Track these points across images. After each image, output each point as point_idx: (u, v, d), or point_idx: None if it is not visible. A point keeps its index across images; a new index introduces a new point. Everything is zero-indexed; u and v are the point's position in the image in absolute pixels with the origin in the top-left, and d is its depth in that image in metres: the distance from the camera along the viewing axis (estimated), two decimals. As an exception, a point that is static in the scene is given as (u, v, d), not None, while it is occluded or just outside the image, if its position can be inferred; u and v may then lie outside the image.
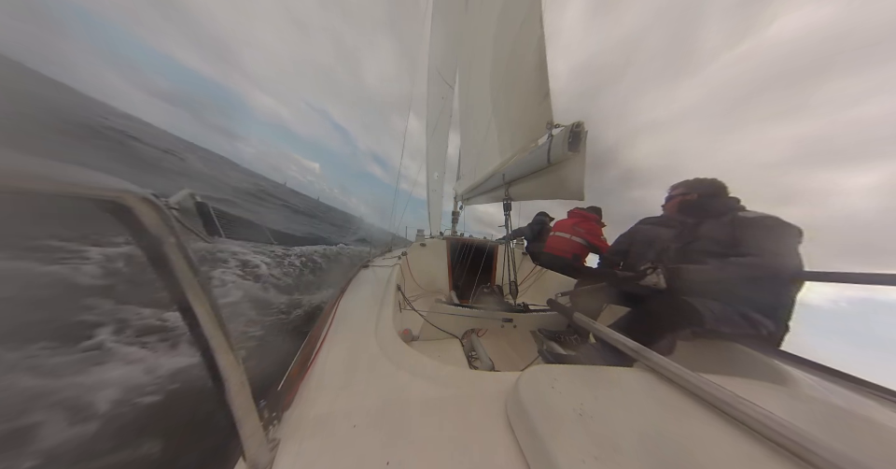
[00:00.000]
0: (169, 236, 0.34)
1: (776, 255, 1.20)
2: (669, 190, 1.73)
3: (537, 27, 1.64)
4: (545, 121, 1.57)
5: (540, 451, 0.54)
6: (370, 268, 2.21)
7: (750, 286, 1.20)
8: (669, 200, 1.72)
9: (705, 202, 1.54)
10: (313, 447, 0.57)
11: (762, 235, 1.25)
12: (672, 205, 1.70)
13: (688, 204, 1.60)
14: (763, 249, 1.22)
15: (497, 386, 0.77)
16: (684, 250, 1.50)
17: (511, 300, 2.15)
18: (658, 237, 1.93)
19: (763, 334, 1.19)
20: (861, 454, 0.51)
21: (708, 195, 1.54)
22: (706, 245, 1.41)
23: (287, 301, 3.95)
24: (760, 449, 0.57)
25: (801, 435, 0.54)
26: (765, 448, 0.57)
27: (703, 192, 1.57)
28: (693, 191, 1.60)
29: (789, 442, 0.55)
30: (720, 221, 1.41)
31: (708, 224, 1.45)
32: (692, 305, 1.15)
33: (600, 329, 1.16)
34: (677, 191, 1.67)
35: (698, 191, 1.58)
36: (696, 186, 1.60)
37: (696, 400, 0.70)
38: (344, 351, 0.93)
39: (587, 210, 3.13)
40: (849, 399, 0.89)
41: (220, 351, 0.42)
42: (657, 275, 1.25)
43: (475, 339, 1.68)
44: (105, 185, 0.29)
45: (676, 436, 0.59)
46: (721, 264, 1.26)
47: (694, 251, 1.44)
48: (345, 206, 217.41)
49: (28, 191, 0.23)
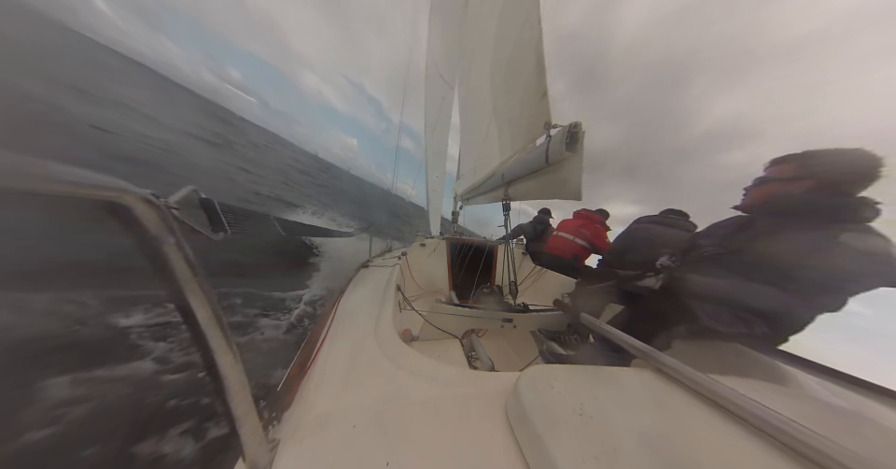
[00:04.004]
0: (168, 236, 0.34)
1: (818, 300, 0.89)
2: (767, 166, 1.10)
3: (535, 27, 1.64)
4: (543, 122, 1.57)
5: (540, 451, 0.54)
6: (369, 268, 2.22)
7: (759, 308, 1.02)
8: (760, 184, 1.10)
9: (813, 200, 0.93)
10: (312, 448, 0.57)
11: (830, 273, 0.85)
12: (757, 194, 1.10)
13: (783, 198, 1.01)
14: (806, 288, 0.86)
15: (496, 386, 0.77)
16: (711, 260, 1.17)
17: (511, 300, 2.15)
18: (659, 236, 1.93)
19: (756, 334, 1.12)
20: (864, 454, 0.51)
21: (831, 185, 0.91)
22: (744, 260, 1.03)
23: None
24: (761, 447, 0.57)
25: (803, 433, 0.55)
26: (768, 446, 0.57)
27: (825, 181, 0.93)
28: (808, 174, 0.97)
29: (791, 439, 0.55)
30: (797, 238, 0.91)
31: (779, 238, 0.96)
32: (686, 303, 1.14)
33: (609, 330, 1.15)
34: (779, 170, 1.05)
35: (818, 177, 0.95)
36: (820, 167, 0.94)
37: (699, 398, 0.70)
38: (344, 351, 0.93)
39: (594, 213, 3.12)
40: (849, 399, 0.89)
41: (220, 351, 0.42)
42: (656, 280, 1.22)
43: (475, 339, 1.68)
44: (103, 185, 0.29)
45: (676, 436, 0.59)
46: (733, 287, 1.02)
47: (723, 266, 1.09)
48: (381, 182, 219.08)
49: (27, 191, 0.23)
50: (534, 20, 1.66)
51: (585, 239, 2.98)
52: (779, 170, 1.04)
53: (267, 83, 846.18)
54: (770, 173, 1.08)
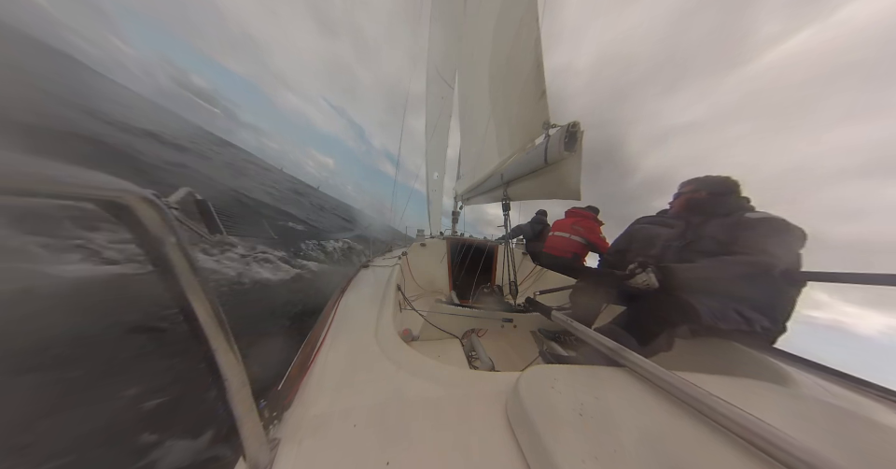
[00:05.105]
0: (169, 236, 0.35)
1: (768, 254, 1.19)
2: (679, 186, 1.68)
3: (534, 27, 1.65)
4: (542, 121, 1.57)
5: (540, 451, 0.54)
6: (370, 268, 2.22)
7: (746, 284, 1.20)
8: (678, 197, 1.67)
9: (713, 200, 1.50)
10: (313, 447, 0.57)
11: (759, 235, 1.25)
12: (680, 202, 1.66)
13: (696, 201, 1.56)
14: (756, 248, 1.22)
15: (496, 386, 0.77)
16: (684, 250, 1.50)
17: (512, 300, 2.15)
18: (658, 236, 1.93)
19: (758, 331, 1.19)
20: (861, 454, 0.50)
21: (718, 194, 1.50)
22: (706, 244, 1.40)
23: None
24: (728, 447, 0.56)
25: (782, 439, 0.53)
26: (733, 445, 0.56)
27: (713, 191, 1.51)
28: (703, 188, 1.55)
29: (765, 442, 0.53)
30: (725, 221, 1.38)
31: (713, 224, 1.43)
32: (689, 302, 1.15)
33: (578, 328, 1.17)
34: (686, 188, 1.63)
35: (708, 189, 1.53)
36: (707, 183, 1.55)
37: (671, 399, 0.69)
38: (344, 351, 0.93)
39: (585, 209, 3.15)
40: (847, 398, 0.90)
41: (220, 351, 0.42)
42: (647, 274, 1.25)
43: (475, 339, 1.68)
44: (104, 185, 0.29)
45: (677, 436, 0.59)
46: (710, 262, 1.27)
47: (694, 251, 1.43)
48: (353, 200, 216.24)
49: (27, 191, 0.23)
50: (532, 19, 1.66)
51: (581, 235, 2.99)
52: (688, 187, 1.62)
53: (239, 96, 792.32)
54: (682, 189, 1.66)
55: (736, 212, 1.39)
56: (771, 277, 1.21)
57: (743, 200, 1.46)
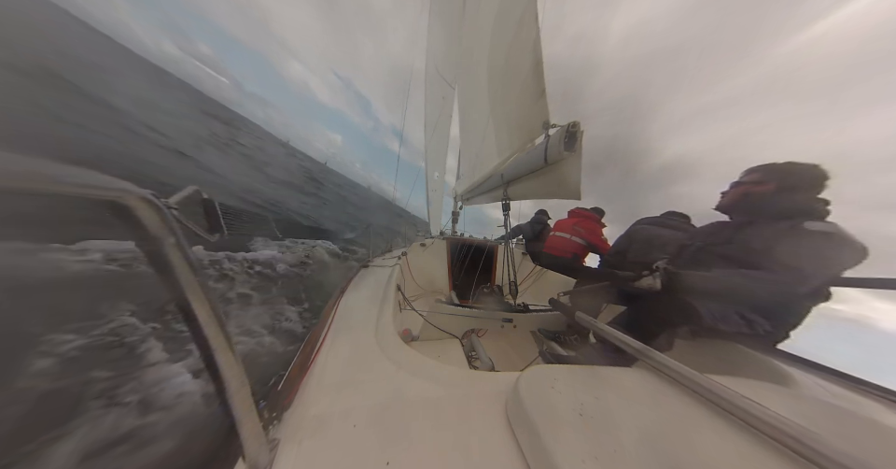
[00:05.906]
0: (169, 236, 0.35)
1: (804, 276, 1.00)
2: (741, 174, 1.33)
3: (533, 27, 1.64)
4: (541, 121, 1.57)
5: (540, 451, 0.54)
6: (369, 268, 2.22)
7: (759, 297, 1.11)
8: (735, 186, 1.32)
9: (777, 197, 1.17)
10: (312, 447, 0.57)
11: (806, 251, 1.01)
12: (733, 194, 1.32)
13: (755, 196, 1.23)
14: (791, 266, 1.01)
15: (496, 386, 0.77)
16: (701, 251, 1.35)
17: (511, 300, 2.15)
18: (658, 237, 1.93)
19: (760, 333, 1.16)
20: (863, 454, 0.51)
21: (789, 188, 1.15)
22: (730, 249, 1.20)
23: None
24: (761, 448, 0.57)
25: (803, 434, 0.54)
26: (767, 448, 0.57)
27: (785, 184, 1.16)
28: (772, 179, 1.20)
29: (791, 440, 0.55)
30: (774, 228, 1.12)
31: (757, 228, 1.17)
32: (690, 303, 1.14)
33: (603, 329, 1.14)
34: (750, 176, 1.28)
35: (779, 182, 1.18)
36: (780, 173, 1.19)
37: (699, 399, 0.70)
38: (344, 351, 0.93)
39: (589, 210, 3.13)
40: (849, 399, 0.89)
41: (220, 351, 0.42)
42: (653, 278, 1.21)
43: (475, 339, 1.68)
44: (104, 185, 0.29)
45: (677, 436, 0.59)
46: (728, 276, 1.13)
47: (712, 254, 1.26)
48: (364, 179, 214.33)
49: (27, 191, 0.23)
50: (531, 19, 1.66)
51: (582, 237, 2.99)
52: (751, 176, 1.28)
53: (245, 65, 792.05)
54: (743, 178, 1.31)
55: (798, 217, 1.09)
56: (793, 293, 1.06)
57: (819, 202, 1.13)
